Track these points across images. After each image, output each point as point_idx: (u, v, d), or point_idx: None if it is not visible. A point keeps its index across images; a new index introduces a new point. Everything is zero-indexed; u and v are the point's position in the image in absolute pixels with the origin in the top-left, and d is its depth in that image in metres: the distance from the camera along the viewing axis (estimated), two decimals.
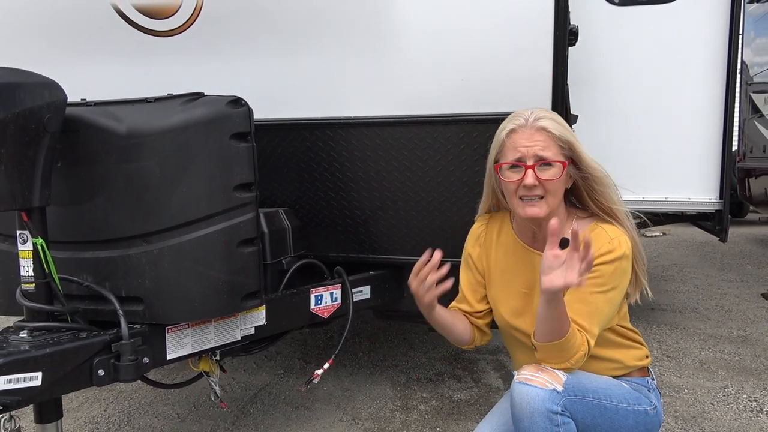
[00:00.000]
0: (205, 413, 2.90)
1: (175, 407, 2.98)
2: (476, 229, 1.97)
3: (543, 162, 1.66)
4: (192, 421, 2.83)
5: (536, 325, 1.63)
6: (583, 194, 1.77)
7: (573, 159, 1.72)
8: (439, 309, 1.79)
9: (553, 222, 1.54)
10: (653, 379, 1.87)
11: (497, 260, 1.88)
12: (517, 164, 1.68)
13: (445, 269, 1.68)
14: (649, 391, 1.80)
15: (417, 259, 2.58)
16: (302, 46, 2.39)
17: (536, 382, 1.57)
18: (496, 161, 1.75)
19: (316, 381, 2.33)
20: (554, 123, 1.70)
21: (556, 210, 1.72)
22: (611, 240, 1.69)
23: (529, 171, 1.66)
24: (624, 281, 1.71)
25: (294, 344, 3.86)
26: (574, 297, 1.68)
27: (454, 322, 1.86)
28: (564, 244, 1.74)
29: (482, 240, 1.93)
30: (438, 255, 1.68)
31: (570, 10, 2.26)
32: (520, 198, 1.70)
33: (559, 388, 1.57)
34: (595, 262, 1.67)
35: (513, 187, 1.70)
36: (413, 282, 1.70)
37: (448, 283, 1.70)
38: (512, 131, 1.71)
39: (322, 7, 2.35)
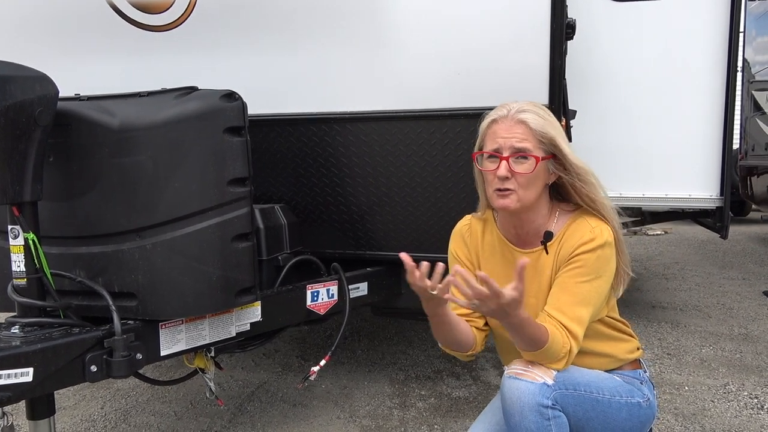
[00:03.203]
0: (202, 411, 2.89)
1: (171, 405, 2.96)
2: (460, 229, 1.93)
3: (518, 155, 1.65)
4: (189, 418, 2.82)
5: (513, 338, 1.61)
6: (567, 189, 1.75)
7: (555, 154, 1.70)
8: (446, 306, 1.70)
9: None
10: (645, 372, 1.85)
11: (485, 260, 1.86)
12: (494, 154, 1.68)
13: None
14: (641, 383, 1.78)
15: (415, 255, 2.56)
16: (297, 41, 2.38)
17: (526, 376, 1.56)
18: (479, 150, 1.75)
19: (312, 378, 2.32)
20: (535, 117, 1.67)
21: (530, 203, 1.70)
22: (592, 229, 1.68)
23: (503, 162, 1.65)
24: (609, 269, 1.69)
25: (292, 342, 3.84)
26: (559, 288, 1.66)
27: (460, 321, 1.80)
28: (548, 237, 1.73)
29: (467, 239, 1.90)
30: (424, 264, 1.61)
31: (567, 4, 2.24)
32: (496, 189, 1.69)
33: (550, 382, 1.55)
34: (577, 252, 1.67)
35: (489, 178, 1.70)
36: (422, 283, 1.56)
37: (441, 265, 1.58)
38: (494, 121, 1.70)
39: (317, 0, 2.34)
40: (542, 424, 1.51)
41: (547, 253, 1.73)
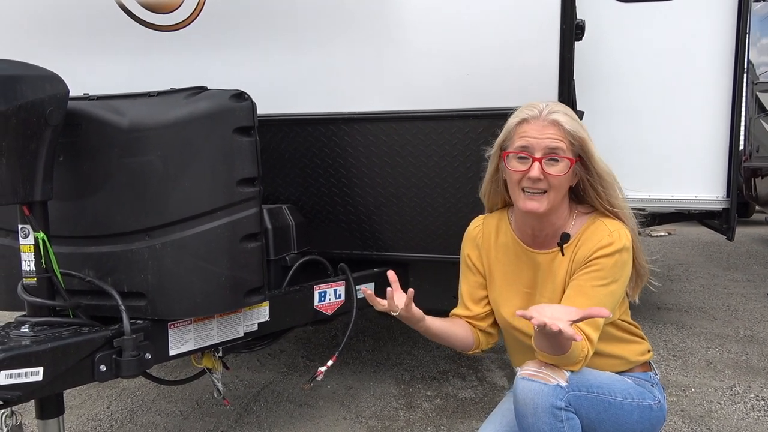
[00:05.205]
0: (208, 411, 2.89)
1: (178, 404, 2.96)
2: (472, 231, 1.94)
3: (551, 156, 1.63)
4: (195, 418, 2.82)
5: (534, 340, 1.60)
6: (587, 191, 1.74)
7: (581, 156, 1.69)
8: (430, 319, 1.76)
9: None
10: (656, 374, 1.85)
11: (498, 261, 1.86)
12: (525, 155, 1.65)
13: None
14: (652, 385, 1.78)
15: (422, 256, 2.59)
16: (305, 41, 2.38)
17: (540, 378, 1.55)
18: (504, 149, 1.72)
19: (319, 378, 2.31)
20: (568, 118, 1.66)
21: (557, 206, 1.69)
22: (611, 233, 1.67)
23: (536, 163, 1.63)
24: (625, 274, 1.69)
25: (298, 342, 3.84)
26: (575, 291, 1.66)
27: (452, 328, 1.83)
28: (564, 239, 1.72)
29: (479, 241, 1.90)
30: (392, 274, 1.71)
31: (576, 5, 2.24)
32: (523, 190, 1.67)
33: (563, 384, 1.55)
34: (595, 255, 1.66)
35: (517, 178, 1.67)
36: (381, 305, 1.66)
37: (410, 290, 1.67)
38: (524, 120, 1.68)
39: (326, 0, 2.33)
40: (555, 425, 1.51)
41: (563, 254, 1.72)
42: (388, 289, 1.64)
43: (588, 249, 1.67)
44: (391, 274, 1.69)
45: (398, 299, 1.65)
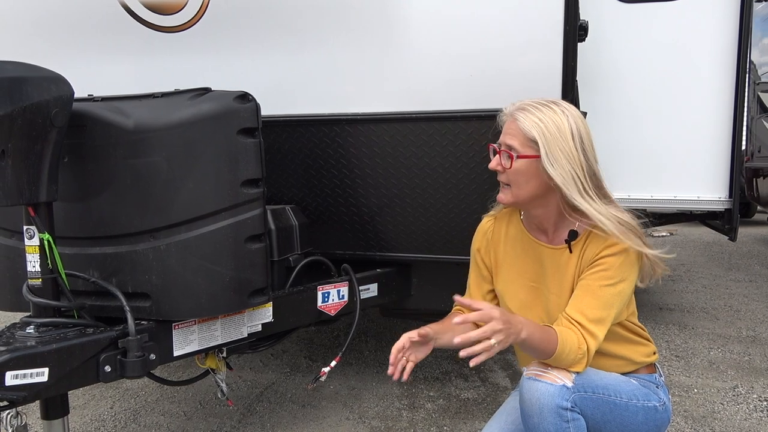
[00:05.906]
0: (212, 411, 2.89)
1: (181, 405, 2.97)
2: (484, 225, 1.98)
3: (506, 151, 1.71)
4: (198, 419, 2.82)
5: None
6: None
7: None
8: (439, 337, 1.74)
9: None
10: (661, 376, 1.86)
11: (506, 253, 1.88)
12: (495, 148, 1.77)
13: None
14: (657, 387, 1.79)
15: (425, 257, 2.59)
16: (309, 42, 2.38)
17: (546, 378, 1.56)
18: None
19: (323, 379, 2.32)
20: (528, 116, 1.67)
21: (527, 200, 1.73)
22: None
23: (496, 156, 1.75)
24: (632, 274, 1.69)
25: (300, 342, 3.85)
26: (583, 291, 1.66)
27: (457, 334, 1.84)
28: (572, 236, 1.73)
29: (490, 235, 1.93)
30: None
31: (579, 6, 2.24)
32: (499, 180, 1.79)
33: (569, 384, 1.56)
34: (602, 255, 1.67)
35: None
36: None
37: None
38: (504, 116, 1.80)
39: (329, 1, 2.34)
40: (561, 426, 1.51)
41: (570, 252, 1.73)
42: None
43: (596, 248, 1.68)
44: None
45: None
